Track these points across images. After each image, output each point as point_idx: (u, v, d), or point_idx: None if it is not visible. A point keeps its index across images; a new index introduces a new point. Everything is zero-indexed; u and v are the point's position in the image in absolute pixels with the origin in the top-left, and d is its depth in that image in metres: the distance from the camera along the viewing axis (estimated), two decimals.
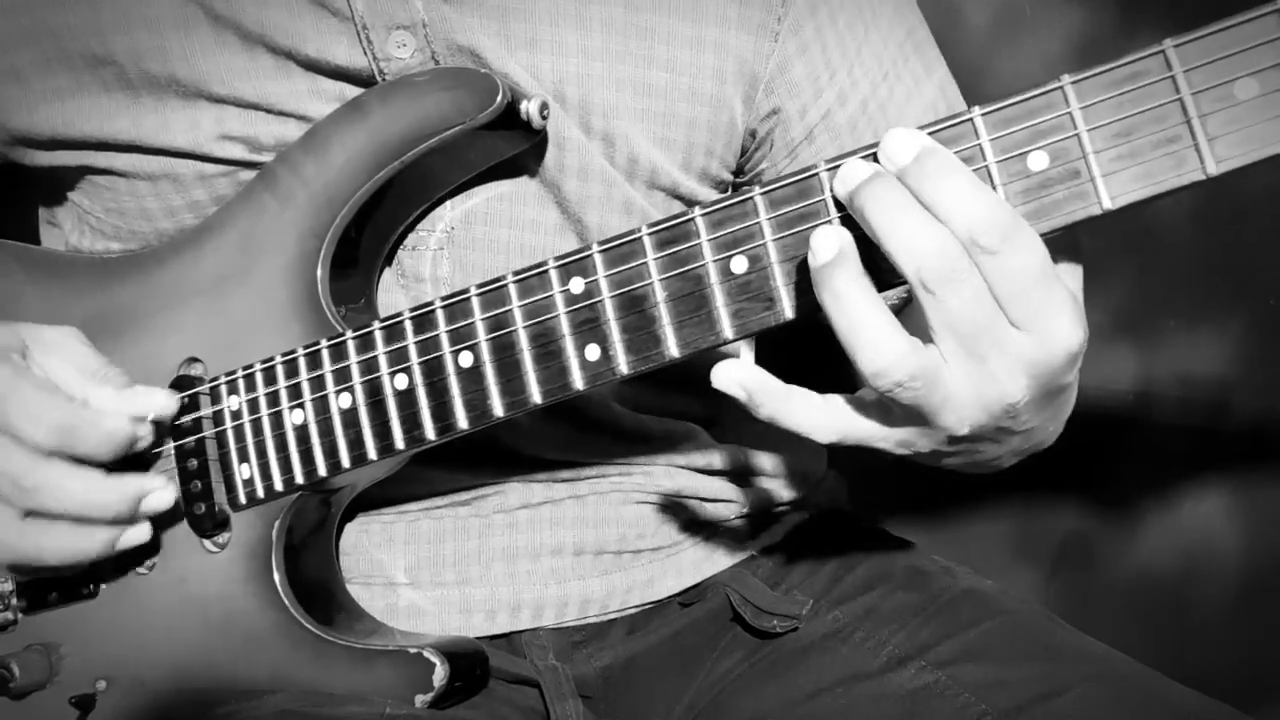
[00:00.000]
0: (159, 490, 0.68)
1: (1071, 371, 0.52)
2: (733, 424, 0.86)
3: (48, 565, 0.67)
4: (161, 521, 0.72)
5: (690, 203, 0.77)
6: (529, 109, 0.68)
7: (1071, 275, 0.55)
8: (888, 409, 0.54)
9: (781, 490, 0.87)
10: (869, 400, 0.54)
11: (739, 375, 0.54)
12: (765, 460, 0.86)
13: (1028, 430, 0.55)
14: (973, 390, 0.51)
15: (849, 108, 0.78)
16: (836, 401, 0.55)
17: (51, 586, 0.74)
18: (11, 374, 0.65)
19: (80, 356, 0.69)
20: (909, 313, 0.54)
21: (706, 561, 0.83)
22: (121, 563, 0.72)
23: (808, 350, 0.76)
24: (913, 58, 0.81)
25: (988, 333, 0.50)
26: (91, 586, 0.73)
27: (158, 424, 0.69)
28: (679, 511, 0.83)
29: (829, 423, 0.55)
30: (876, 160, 0.52)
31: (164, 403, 0.69)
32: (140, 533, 0.68)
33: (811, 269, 0.51)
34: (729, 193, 0.58)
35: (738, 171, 0.81)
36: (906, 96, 0.80)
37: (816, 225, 0.54)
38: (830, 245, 0.50)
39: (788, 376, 0.55)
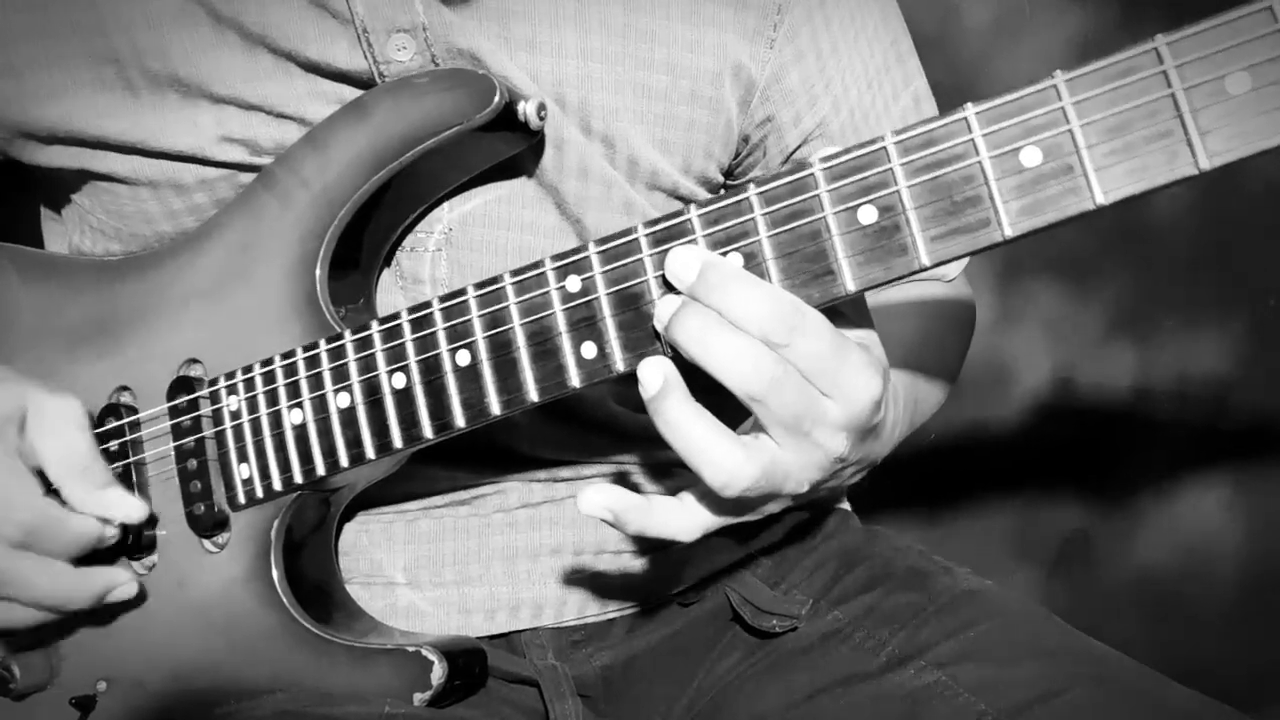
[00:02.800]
0: (124, 584, 0.70)
1: (879, 412, 0.57)
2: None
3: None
4: (161, 523, 0.72)
5: (689, 202, 0.77)
6: (526, 110, 0.68)
7: (863, 335, 0.59)
8: (738, 500, 0.57)
9: None
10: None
11: (603, 500, 0.58)
12: None
13: (859, 460, 0.60)
14: (806, 459, 0.56)
15: (842, 115, 0.79)
16: (690, 501, 0.59)
17: None
18: None
19: (73, 441, 0.69)
20: None
21: (706, 561, 0.83)
22: (120, 565, 0.73)
23: None
24: (894, 68, 0.82)
25: (808, 415, 0.54)
26: None
27: (125, 526, 0.70)
28: None
29: (690, 523, 0.59)
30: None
31: (134, 511, 0.69)
32: (126, 590, 0.70)
33: (644, 400, 0.55)
34: (723, 192, 0.59)
35: (728, 174, 0.81)
36: (884, 107, 0.81)
37: (810, 221, 0.54)
38: (655, 378, 0.54)
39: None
